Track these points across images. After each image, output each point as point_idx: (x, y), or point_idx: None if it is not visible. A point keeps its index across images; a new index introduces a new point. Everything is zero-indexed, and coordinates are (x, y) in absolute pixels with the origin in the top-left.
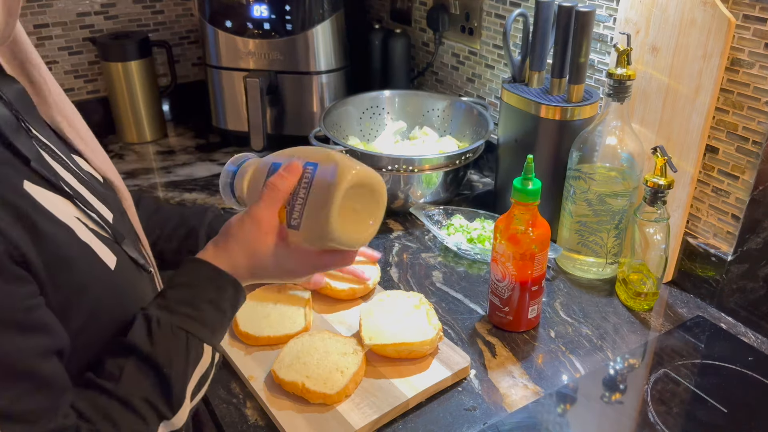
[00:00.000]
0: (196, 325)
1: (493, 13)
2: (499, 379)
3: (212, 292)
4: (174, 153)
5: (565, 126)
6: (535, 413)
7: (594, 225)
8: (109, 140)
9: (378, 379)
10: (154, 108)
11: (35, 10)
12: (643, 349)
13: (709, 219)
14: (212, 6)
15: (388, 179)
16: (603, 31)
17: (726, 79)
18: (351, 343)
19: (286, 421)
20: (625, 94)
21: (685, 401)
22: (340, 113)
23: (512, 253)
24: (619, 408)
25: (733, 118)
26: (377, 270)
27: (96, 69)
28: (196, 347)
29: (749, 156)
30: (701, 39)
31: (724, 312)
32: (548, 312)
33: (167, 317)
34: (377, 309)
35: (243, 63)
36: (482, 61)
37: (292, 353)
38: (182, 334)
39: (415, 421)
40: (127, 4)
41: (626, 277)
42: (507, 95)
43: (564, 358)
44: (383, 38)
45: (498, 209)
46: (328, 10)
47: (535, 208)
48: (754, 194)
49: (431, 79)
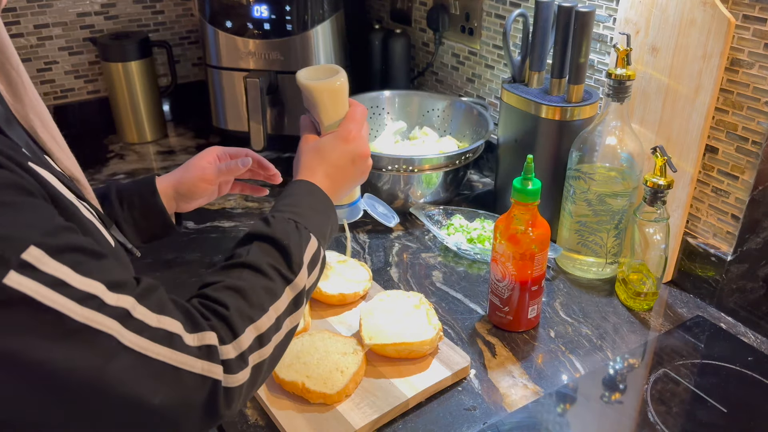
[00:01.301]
0: (301, 218)
1: (493, 13)
2: (499, 379)
3: (308, 198)
4: (174, 153)
5: (565, 126)
6: (535, 413)
7: (594, 225)
8: (109, 140)
9: (378, 378)
10: (154, 108)
11: (35, 10)
12: (643, 349)
13: (709, 219)
14: (212, 6)
15: (388, 179)
16: (603, 31)
17: (726, 79)
18: (351, 343)
19: (286, 421)
20: (625, 95)
21: (685, 401)
22: None
23: (512, 253)
24: (618, 408)
25: (732, 118)
26: (369, 274)
27: (96, 69)
28: (304, 231)
29: (749, 156)
30: (701, 39)
31: (723, 312)
32: (548, 312)
33: (278, 214)
34: (377, 309)
35: (243, 63)
36: (482, 61)
37: (292, 353)
38: (292, 222)
39: (415, 420)
40: (127, 5)
41: (626, 277)
42: (507, 95)
43: (564, 357)
44: (383, 38)
45: (498, 209)
46: (328, 11)
47: (535, 208)
48: (753, 194)
49: (431, 79)
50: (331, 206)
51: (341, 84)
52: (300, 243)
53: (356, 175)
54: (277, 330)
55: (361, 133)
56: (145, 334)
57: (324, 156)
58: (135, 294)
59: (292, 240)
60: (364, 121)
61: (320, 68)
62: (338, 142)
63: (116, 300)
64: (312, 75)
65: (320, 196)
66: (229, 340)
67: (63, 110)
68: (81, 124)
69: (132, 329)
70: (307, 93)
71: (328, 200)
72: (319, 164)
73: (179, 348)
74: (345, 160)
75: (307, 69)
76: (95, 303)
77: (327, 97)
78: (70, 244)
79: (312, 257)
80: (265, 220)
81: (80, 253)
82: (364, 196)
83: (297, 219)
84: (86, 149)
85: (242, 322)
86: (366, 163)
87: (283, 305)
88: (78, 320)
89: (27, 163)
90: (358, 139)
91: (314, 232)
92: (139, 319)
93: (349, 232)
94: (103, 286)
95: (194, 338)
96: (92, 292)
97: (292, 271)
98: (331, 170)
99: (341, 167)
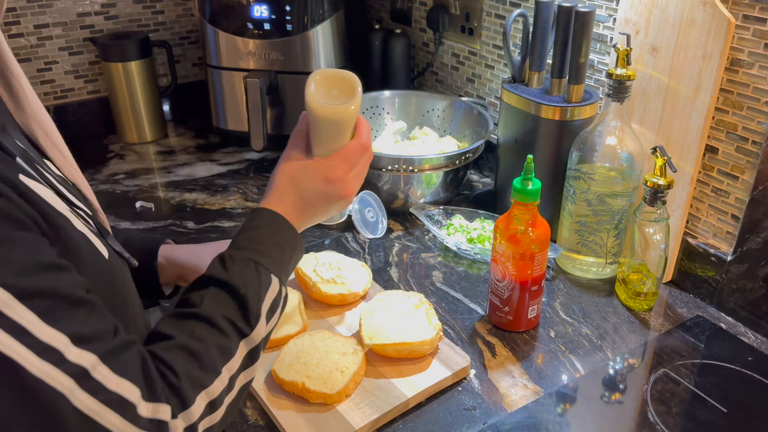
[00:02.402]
0: (262, 257)
1: (493, 13)
2: (498, 379)
3: (272, 231)
4: (174, 153)
5: (565, 126)
6: (535, 413)
7: (594, 225)
8: (109, 140)
9: (378, 378)
10: (154, 108)
11: (35, 10)
12: (643, 349)
13: (709, 219)
14: (212, 6)
15: (388, 179)
16: (603, 31)
17: (726, 79)
18: (351, 343)
19: (286, 421)
20: (625, 95)
21: (685, 401)
22: None
23: (512, 253)
24: (618, 408)
25: (732, 118)
26: (369, 274)
27: (96, 69)
28: (265, 274)
29: (749, 156)
30: (701, 39)
31: (723, 312)
32: (548, 312)
33: (238, 252)
34: (377, 309)
35: (243, 63)
36: (482, 61)
37: (292, 353)
38: (252, 264)
39: (415, 420)
40: (127, 5)
41: (626, 277)
42: (507, 95)
43: (564, 357)
44: (383, 38)
45: (498, 209)
46: (328, 11)
47: (534, 208)
48: (753, 194)
49: (431, 79)
50: (297, 240)
51: (351, 113)
52: (259, 290)
53: (331, 211)
54: (230, 390)
55: (347, 176)
56: (99, 396)
57: (299, 189)
58: (102, 351)
59: (250, 288)
60: (361, 159)
61: (337, 77)
62: (318, 181)
63: (78, 356)
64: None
65: (286, 230)
66: (179, 411)
67: (63, 110)
68: (81, 124)
69: (87, 390)
70: (309, 112)
71: (294, 234)
72: (291, 195)
73: (130, 418)
74: (320, 199)
75: (321, 75)
76: (55, 357)
77: (329, 124)
78: (45, 288)
79: (272, 304)
80: (223, 262)
81: (53, 299)
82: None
83: (258, 259)
84: (86, 149)
85: (193, 390)
86: (345, 203)
87: (236, 363)
88: (34, 374)
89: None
90: (342, 183)
91: (276, 272)
92: (97, 380)
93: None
94: (67, 340)
95: (148, 409)
96: (54, 345)
97: (249, 325)
98: (302, 206)
99: (314, 205)
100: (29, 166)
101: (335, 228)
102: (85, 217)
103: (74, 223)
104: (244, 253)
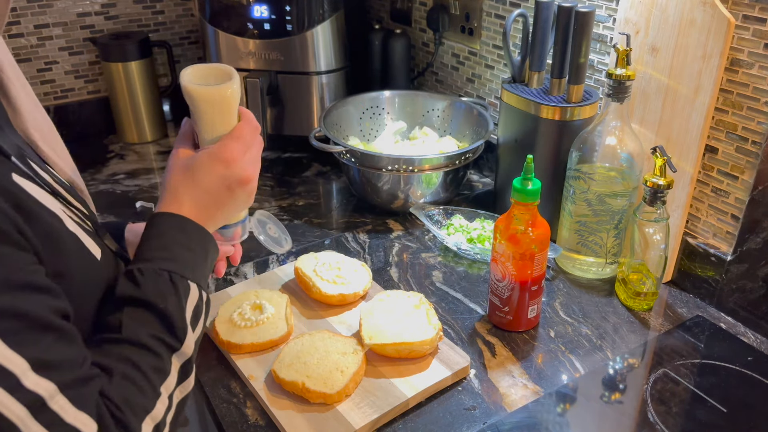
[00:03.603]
0: (174, 264)
1: (493, 14)
2: (498, 379)
3: (179, 236)
4: None
5: (565, 126)
6: (535, 413)
7: (594, 225)
8: (109, 140)
9: (378, 378)
10: (154, 108)
11: (35, 10)
12: (643, 348)
13: (709, 219)
14: (212, 6)
15: (388, 179)
16: (603, 31)
17: (725, 79)
18: (351, 343)
19: (287, 421)
20: (625, 95)
21: (685, 401)
22: (340, 113)
23: (512, 253)
24: (618, 408)
25: (732, 118)
26: (369, 274)
27: (96, 69)
28: (181, 282)
29: (749, 156)
30: (701, 39)
31: (723, 312)
32: (548, 312)
33: (146, 265)
34: (377, 309)
35: (243, 63)
36: (482, 61)
37: (293, 353)
38: (165, 274)
39: (415, 420)
40: (127, 5)
41: (626, 276)
42: (507, 95)
43: (564, 357)
44: (383, 38)
45: (498, 209)
46: (328, 11)
47: (534, 208)
48: (753, 194)
49: (431, 79)
50: (207, 238)
51: (231, 92)
52: (179, 302)
53: (236, 202)
54: (170, 409)
55: (244, 155)
56: (54, 429)
57: (194, 178)
58: (63, 380)
59: (169, 301)
60: (254, 141)
61: (212, 68)
62: (213, 164)
63: (35, 384)
64: (199, 76)
65: (192, 231)
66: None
67: (63, 110)
68: (81, 124)
69: (41, 422)
70: (188, 98)
71: (202, 232)
72: (186, 189)
73: None
74: (219, 185)
75: (194, 67)
76: (10, 383)
77: (211, 106)
78: (14, 307)
79: (194, 311)
80: (132, 278)
81: (20, 321)
82: (254, 213)
83: (170, 268)
84: (86, 149)
85: (137, 418)
86: (248, 189)
87: (173, 381)
88: None
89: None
90: (239, 162)
91: (192, 277)
92: (53, 411)
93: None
94: (26, 365)
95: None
96: (11, 369)
97: (177, 339)
98: (202, 196)
99: (214, 194)
100: (24, 166)
101: (335, 228)
102: (81, 217)
103: (66, 223)
104: (154, 264)
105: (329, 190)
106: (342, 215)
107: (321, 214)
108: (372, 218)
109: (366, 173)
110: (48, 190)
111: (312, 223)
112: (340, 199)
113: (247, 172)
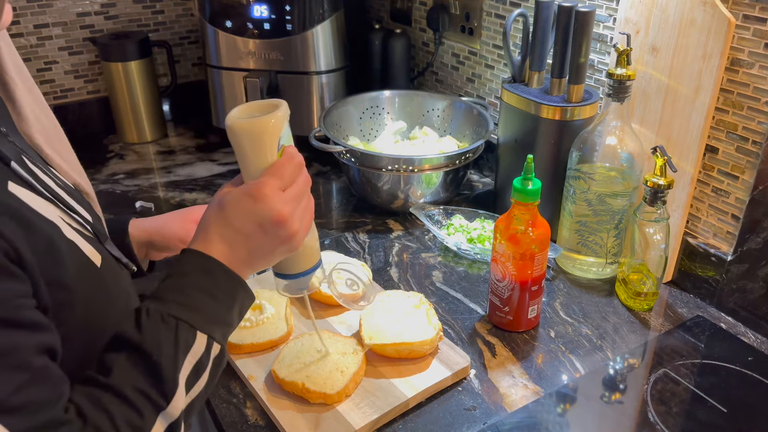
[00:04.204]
0: (186, 311)
1: (493, 13)
2: (499, 379)
3: (202, 279)
4: (174, 153)
5: (565, 126)
6: (535, 413)
7: (594, 225)
8: (109, 140)
9: (378, 378)
10: (154, 108)
11: (35, 10)
12: (643, 349)
13: (709, 219)
14: (212, 6)
15: (388, 179)
16: (603, 31)
17: (726, 79)
18: (351, 343)
19: (286, 421)
20: (625, 94)
21: (685, 401)
22: (340, 113)
23: (512, 253)
24: (618, 408)
25: (732, 118)
26: (368, 274)
27: (96, 69)
28: (186, 333)
29: (749, 156)
30: (701, 39)
31: (723, 312)
32: (548, 312)
33: (157, 306)
34: (377, 309)
35: (243, 63)
36: (482, 61)
37: (292, 353)
38: (172, 321)
39: (415, 420)
40: (127, 4)
41: (626, 276)
42: (507, 95)
43: (564, 357)
44: (383, 38)
45: (498, 209)
46: (328, 10)
47: (535, 208)
48: (753, 194)
49: (431, 79)
50: (236, 283)
51: (272, 125)
52: (176, 355)
53: (272, 244)
54: None
55: (277, 192)
56: None
57: (225, 215)
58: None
59: (164, 353)
60: (295, 178)
61: (263, 103)
62: (243, 199)
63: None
64: (247, 110)
65: (219, 274)
66: None
67: (63, 110)
68: (81, 124)
69: None
70: (230, 133)
71: (231, 277)
72: (217, 226)
73: None
74: (250, 224)
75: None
76: None
77: (247, 140)
78: None
79: (195, 367)
80: (138, 319)
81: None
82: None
83: (180, 315)
84: (86, 149)
85: None
86: (283, 231)
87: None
88: None
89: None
90: (271, 198)
91: (204, 327)
92: None
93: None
94: None
95: None
96: None
97: (164, 397)
98: (232, 235)
99: (245, 234)
100: (25, 171)
101: (335, 228)
102: (82, 223)
103: (64, 230)
104: (164, 308)
105: (329, 190)
106: (342, 215)
107: (321, 213)
108: (372, 218)
109: (366, 173)
110: (47, 196)
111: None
112: (340, 199)
113: (282, 210)
